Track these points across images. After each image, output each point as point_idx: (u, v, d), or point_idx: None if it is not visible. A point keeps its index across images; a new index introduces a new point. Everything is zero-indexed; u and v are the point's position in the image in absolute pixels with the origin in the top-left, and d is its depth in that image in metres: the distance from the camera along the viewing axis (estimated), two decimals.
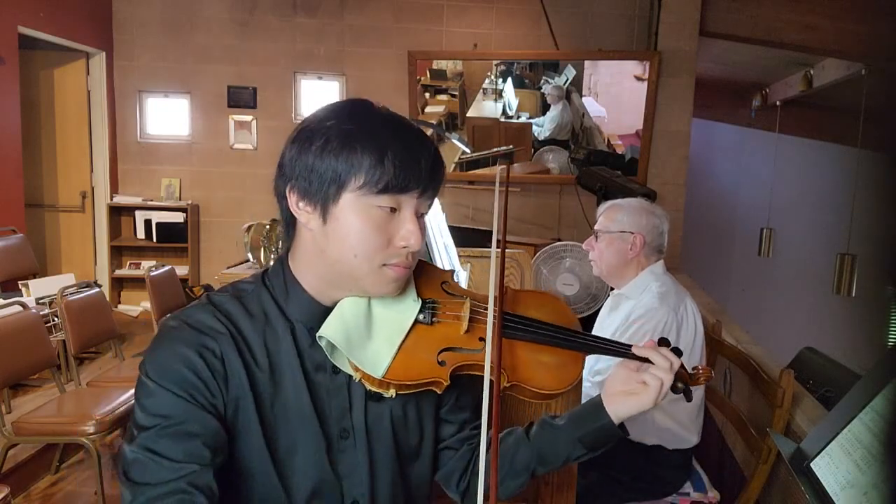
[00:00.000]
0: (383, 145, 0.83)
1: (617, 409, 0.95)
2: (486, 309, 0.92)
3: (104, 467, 2.67)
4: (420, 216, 0.89)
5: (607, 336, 1.92)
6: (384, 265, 0.87)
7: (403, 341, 0.90)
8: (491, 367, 0.83)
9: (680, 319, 1.85)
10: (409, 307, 0.93)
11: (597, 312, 2.30)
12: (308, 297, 0.91)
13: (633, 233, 1.94)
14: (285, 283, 0.92)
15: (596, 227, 2.03)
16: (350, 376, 0.90)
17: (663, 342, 0.96)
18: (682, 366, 0.95)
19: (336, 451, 0.91)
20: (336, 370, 0.91)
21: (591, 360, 1.91)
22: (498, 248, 0.96)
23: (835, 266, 4.49)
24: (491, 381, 0.81)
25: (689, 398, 0.95)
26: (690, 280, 4.37)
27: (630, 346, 0.97)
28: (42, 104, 5.01)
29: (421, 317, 0.93)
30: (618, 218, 1.98)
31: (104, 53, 5.02)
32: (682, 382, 0.95)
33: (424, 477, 1.02)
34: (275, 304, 0.91)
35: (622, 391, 0.95)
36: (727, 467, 2.57)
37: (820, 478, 0.91)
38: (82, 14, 4.82)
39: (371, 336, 0.90)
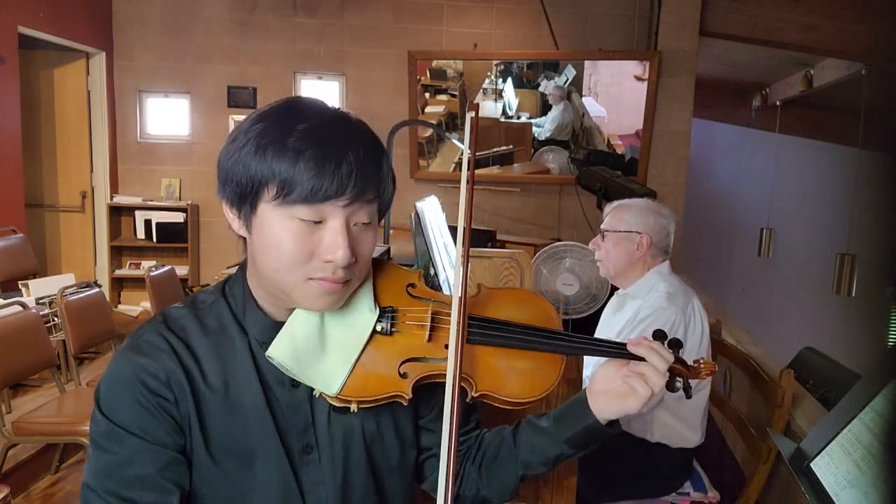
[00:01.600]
0: (297, 150, 0.75)
1: (602, 409, 0.89)
2: (449, 313, 0.85)
3: None
4: (361, 226, 0.81)
5: (613, 336, 1.93)
6: (310, 279, 0.80)
7: (360, 355, 0.85)
8: (453, 379, 0.77)
9: (688, 319, 1.86)
10: (365, 318, 0.87)
11: (597, 312, 2.30)
12: (260, 313, 0.87)
13: (640, 233, 1.95)
14: (243, 294, 0.88)
15: (603, 226, 2.04)
16: (311, 390, 0.86)
17: (659, 335, 0.90)
18: (680, 360, 0.89)
19: (299, 467, 0.87)
20: (295, 384, 0.87)
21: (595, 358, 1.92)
22: (464, 245, 0.86)
23: (835, 266, 4.49)
24: (451, 398, 0.76)
25: (688, 395, 0.90)
26: (690, 280, 4.36)
27: (620, 343, 0.90)
28: (42, 104, 5.01)
29: (379, 327, 0.87)
30: (625, 218, 1.98)
31: (104, 53, 5.02)
32: (681, 378, 0.89)
33: (406, 489, 0.99)
34: (233, 317, 0.88)
35: (607, 390, 0.89)
36: (727, 467, 2.57)
37: (820, 478, 0.91)
38: (82, 14, 4.82)
39: (325, 351, 0.85)
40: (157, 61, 5.18)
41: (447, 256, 1.76)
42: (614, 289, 2.14)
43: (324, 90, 5.18)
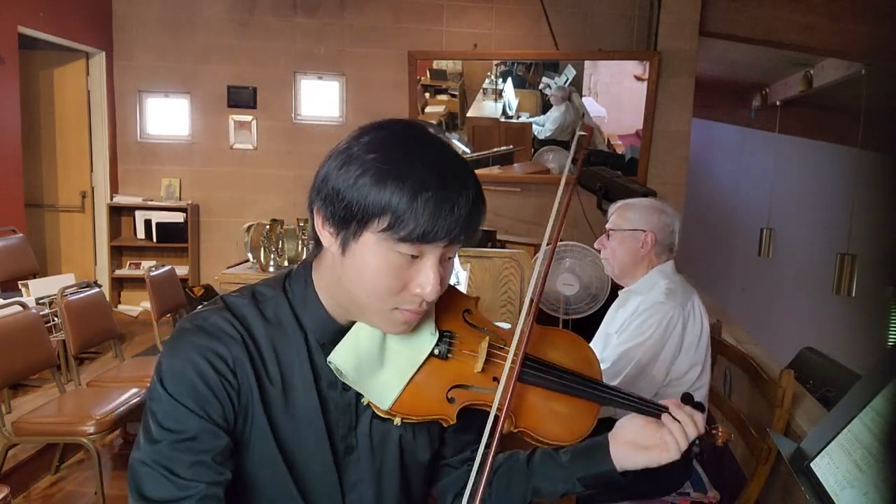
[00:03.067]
0: (415, 191, 0.76)
1: (623, 459, 0.92)
2: (502, 347, 0.89)
3: (104, 467, 2.68)
4: (447, 260, 0.85)
5: (614, 330, 1.93)
6: (395, 309, 0.83)
7: (414, 375, 0.88)
8: (497, 414, 0.81)
9: (686, 316, 1.86)
10: (426, 341, 0.89)
11: (596, 313, 2.30)
12: (324, 314, 0.89)
13: (644, 231, 1.95)
14: (306, 292, 0.89)
15: (608, 225, 2.04)
16: (359, 395, 0.89)
17: (687, 398, 0.92)
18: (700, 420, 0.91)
19: (342, 466, 0.91)
20: (346, 388, 0.89)
21: (597, 345, 1.92)
22: (533, 298, 0.91)
23: (835, 266, 4.49)
24: (495, 423, 0.79)
25: (702, 458, 0.93)
26: (691, 280, 4.36)
27: (656, 404, 0.92)
28: (42, 104, 5.01)
29: (436, 351, 0.89)
30: (629, 216, 1.99)
31: (104, 53, 5.02)
32: (698, 441, 0.90)
33: (427, 487, 1.03)
34: (292, 313, 0.89)
35: (632, 441, 0.92)
36: (727, 467, 2.57)
37: (820, 478, 0.91)
38: (82, 14, 4.82)
39: (383, 366, 0.87)
40: (157, 61, 5.18)
41: None
42: (615, 288, 2.15)
43: (324, 90, 5.18)
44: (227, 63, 5.15)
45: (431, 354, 0.89)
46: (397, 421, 0.87)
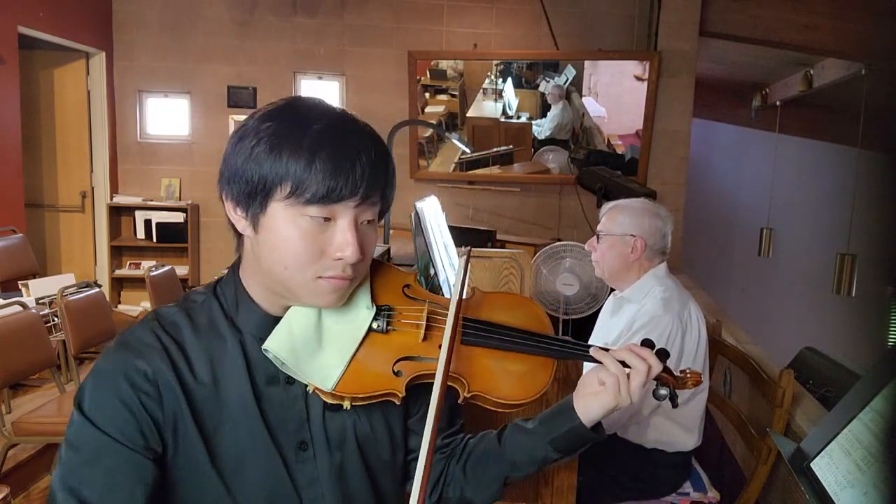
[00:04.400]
0: (312, 151, 0.77)
1: (588, 410, 0.90)
2: (445, 314, 0.88)
3: None
4: (366, 223, 0.83)
5: (611, 341, 1.92)
6: (318, 277, 0.82)
7: (356, 352, 0.86)
8: (441, 379, 0.79)
9: (684, 326, 1.83)
10: (362, 315, 0.88)
11: (597, 313, 2.30)
12: (257, 308, 0.87)
13: (634, 236, 1.92)
14: (236, 293, 0.88)
15: (598, 228, 2.02)
16: (306, 387, 0.87)
17: (647, 344, 0.93)
18: (667, 370, 0.91)
19: (294, 463, 0.87)
20: (290, 381, 0.87)
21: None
22: (465, 247, 0.92)
23: (835, 266, 4.49)
24: (437, 397, 0.78)
25: (674, 404, 0.92)
26: (690, 280, 4.37)
27: (602, 349, 0.92)
28: (42, 104, 5.01)
29: (375, 325, 0.88)
30: (619, 219, 1.96)
31: (104, 53, 5.02)
32: (668, 387, 0.91)
33: (397, 488, 0.99)
34: (224, 316, 0.88)
35: (593, 392, 0.91)
36: (727, 467, 2.58)
37: (820, 478, 0.91)
38: (82, 14, 4.82)
39: (321, 347, 0.86)
40: (157, 61, 5.18)
41: (447, 256, 1.76)
42: (614, 289, 2.14)
43: (324, 90, 5.18)
44: (227, 63, 5.15)
45: (371, 330, 0.87)
46: (346, 404, 0.85)
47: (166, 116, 5.24)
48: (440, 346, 0.85)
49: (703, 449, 1.99)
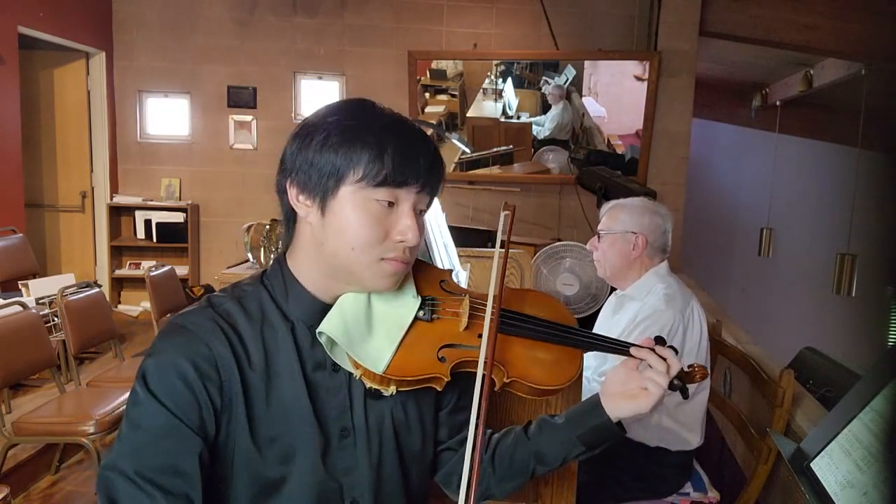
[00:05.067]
0: (383, 140, 0.84)
1: (615, 409, 0.95)
2: (484, 305, 0.93)
3: None
4: (419, 213, 0.90)
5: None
6: (381, 259, 0.87)
7: (404, 337, 0.91)
8: (485, 361, 0.84)
9: (686, 322, 1.84)
10: (409, 303, 0.93)
11: (597, 313, 2.30)
12: (308, 295, 0.91)
13: (635, 233, 1.93)
14: (284, 282, 0.92)
15: (599, 227, 2.02)
16: (350, 375, 0.90)
17: (659, 341, 0.96)
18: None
19: (335, 450, 0.91)
20: (336, 368, 0.91)
21: (597, 359, 1.91)
22: (502, 247, 0.97)
23: (835, 266, 4.49)
24: (483, 376, 0.83)
25: (685, 395, 0.96)
26: (691, 280, 4.37)
27: (629, 344, 0.97)
28: (42, 104, 5.01)
29: (421, 313, 0.93)
30: (620, 218, 1.97)
31: (104, 53, 5.02)
32: (678, 380, 0.95)
33: (426, 477, 1.03)
34: (274, 304, 0.91)
35: (620, 392, 0.95)
36: (727, 467, 2.58)
37: (820, 478, 0.91)
38: (82, 14, 4.82)
39: (371, 332, 0.90)
40: (157, 61, 5.18)
41: (447, 256, 1.76)
42: (614, 289, 2.14)
43: (324, 90, 5.18)
44: (227, 63, 5.15)
45: (417, 318, 0.93)
46: (392, 389, 0.89)
47: (166, 116, 5.24)
48: (480, 336, 0.91)
49: (703, 449, 1.99)
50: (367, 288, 0.91)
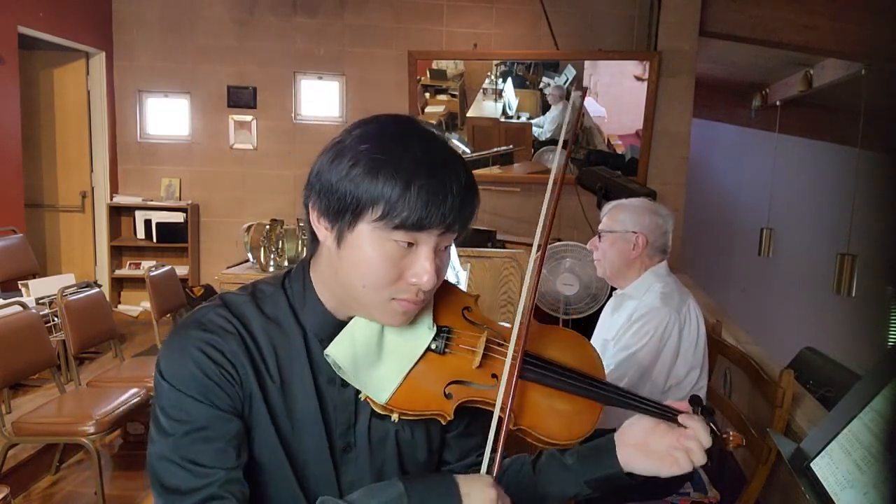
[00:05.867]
0: (408, 178, 0.78)
1: (630, 462, 0.90)
2: (502, 344, 0.88)
3: (104, 467, 2.67)
4: (444, 249, 0.85)
5: (610, 338, 1.92)
6: (392, 299, 0.84)
7: (412, 369, 0.87)
8: (501, 409, 0.81)
9: (682, 320, 1.85)
10: (423, 335, 0.89)
11: (596, 313, 2.30)
12: (323, 310, 0.89)
13: (635, 232, 1.94)
14: (304, 290, 0.90)
15: (600, 226, 2.03)
16: (358, 392, 0.88)
17: (695, 401, 0.89)
18: (714, 431, 0.88)
19: (339, 465, 0.90)
20: (344, 384, 0.89)
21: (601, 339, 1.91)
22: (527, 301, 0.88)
23: (835, 266, 4.49)
24: (499, 424, 0.79)
25: (709, 465, 0.91)
26: (691, 280, 4.37)
27: (677, 411, 0.89)
28: (42, 104, 5.01)
29: (434, 345, 0.88)
30: (620, 218, 1.97)
31: (104, 53, 5.02)
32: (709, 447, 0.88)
33: None
34: (290, 311, 0.90)
35: (640, 445, 0.90)
36: (727, 467, 2.57)
37: (820, 478, 0.91)
38: (82, 14, 4.82)
39: (380, 360, 0.87)
40: (157, 61, 5.18)
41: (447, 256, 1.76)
42: (615, 288, 2.14)
43: (324, 90, 5.18)
44: (227, 63, 5.15)
45: (429, 349, 0.88)
46: (395, 417, 0.86)
47: (166, 116, 5.24)
48: (493, 375, 0.86)
49: None
50: (377, 321, 0.88)
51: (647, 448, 0.89)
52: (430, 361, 0.88)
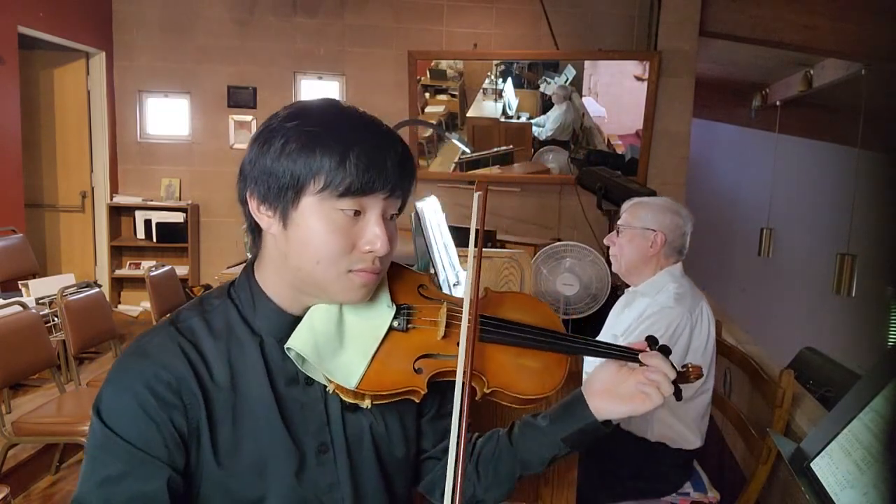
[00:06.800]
0: (346, 146, 0.79)
1: (604, 411, 0.90)
2: (462, 312, 0.88)
3: None
4: (390, 217, 0.85)
5: (620, 332, 1.93)
6: (350, 271, 0.83)
7: (377, 350, 0.86)
8: (464, 372, 0.80)
9: (694, 321, 1.85)
10: (383, 314, 0.89)
11: (597, 313, 2.30)
12: (275, 309, 0.87)
13: (654, 230, 1.94)
14: (252, 295, 0.88)
15: (619, 222, 2.03)
16: (325, 388, 0.87)
17: (651, 340, 0.92)
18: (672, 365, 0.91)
19: (314, 467, 0.87)
20: (309, 381, 0.87)
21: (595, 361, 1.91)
22: (475, 247, 0.90)
23: (835, 266, 4.49)
24: (462, 385, 0.79)
25: (678, 397, 0.92)
26: (693, 281, 4.37)
27: (637, 351, 0.91)
28: (42, 104, 5.01)
29: (395, 323, 0.89)
30: (641, 215, 1.98)
31: (104, 53, 5.02)
32: (673, 381, 0.91)
33: (409, 485, 1.00)
34: (241, 319, 0.87)
35: (610, 392, 0.90)
36: (727, 467, 2.58)
37: (820, 478, 0.91)
38: (82, 14, 4.82)
39: (343, 345, 0.86)
40: (157, 61, 5.18)
41: (447, 256, 1.76)
42: (615, 289, 2.15)
43: (324, 90, 5.18)
44: (227, 63, 5.15)
45: (392, 328, 0.88)
46: (367, 403, 0.85)
47: (166, 116, 5.24)
48: (458, 344, 0.86)
49: (703, 449, 1.99)
50: (336, 301, 0.86)
51: (615, 391, 0.90)
52: (395, 340, 0.89)
